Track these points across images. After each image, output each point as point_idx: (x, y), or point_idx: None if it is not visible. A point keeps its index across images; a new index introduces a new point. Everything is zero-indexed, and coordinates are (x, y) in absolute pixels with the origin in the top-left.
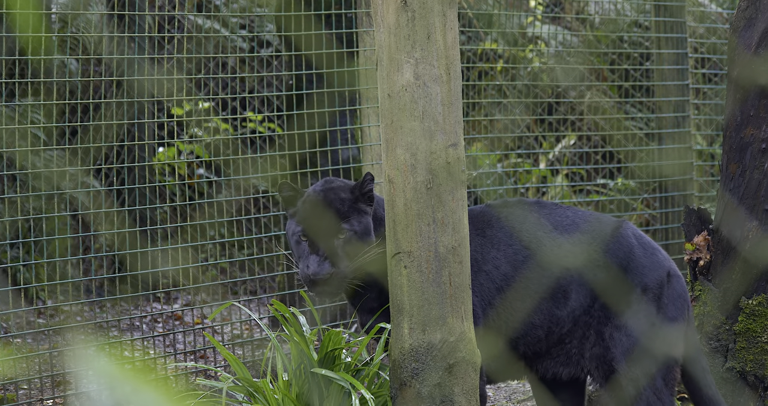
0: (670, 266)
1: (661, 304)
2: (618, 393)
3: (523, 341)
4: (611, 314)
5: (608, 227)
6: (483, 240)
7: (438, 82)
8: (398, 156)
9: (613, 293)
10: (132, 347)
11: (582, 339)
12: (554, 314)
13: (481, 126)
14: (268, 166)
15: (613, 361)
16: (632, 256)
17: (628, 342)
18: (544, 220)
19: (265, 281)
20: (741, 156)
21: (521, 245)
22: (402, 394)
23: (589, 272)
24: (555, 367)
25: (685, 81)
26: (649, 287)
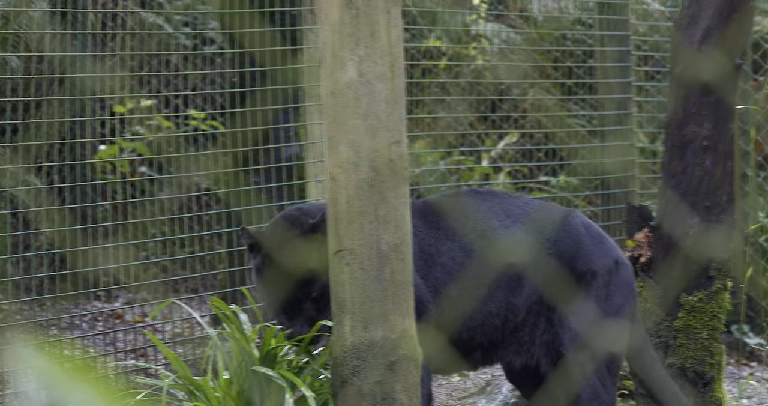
0: (618, 255)
1: (609, 291)
2: (564, 378)
3: (481, 330)
4: (560, 301)
5: (557, 215)
6: (437, 233)
7: (382, 80)
8: (341, 153)
9: (563, 281)
10: (72, 345)
11: (533, 327)
12: (510, 302)
13: (424, 123)
14: (210, 164)
15: (561, 346)
16: (581, 244)
17: (576, 328)
18: (496, 209)
19: (207, 278)
20: (683, 153)
21: (476, 235)
22: (343, 391)
23: (540, 260)
24: (509, 356)
25: (627, 79)
26: (598, 274)
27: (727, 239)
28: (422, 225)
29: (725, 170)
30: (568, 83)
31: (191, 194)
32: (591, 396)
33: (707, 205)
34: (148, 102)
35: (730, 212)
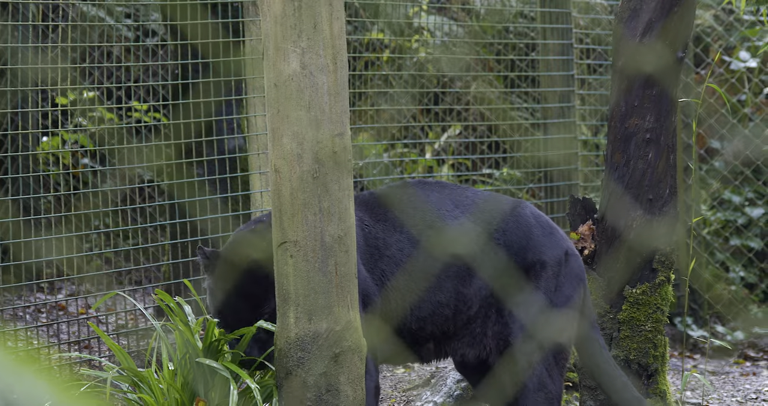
0: (568, 246)
1: (558, 282)
2: (511, 367)
3: (431, 321)
4: (510, 292)
5: (507, 206)
6: (384, 225)
7: (325, 72)
8: (285, 145)
9: (512, 272)
10: (15, 337)
11: (485, 318)
12: (460, 292)
13: (367, 116)
14: (153, 156)
15: (510, 336)
16: (531, 235)
17: (525, 318)
18: (445, 199)
19: (150, 270)
20: (625, 146)
21: (424, 225)
22: (288, 383)
23: (489, 251)
24: (462, 348)
25: (570, 72)
26: (547, 265)
27: (670, 231)
28: (368, 218)
29: (668, 163)
30: (510, 76)
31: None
32: (538, 386)
33: (650, 197)
34: (90, 94)
35: (673, 204)
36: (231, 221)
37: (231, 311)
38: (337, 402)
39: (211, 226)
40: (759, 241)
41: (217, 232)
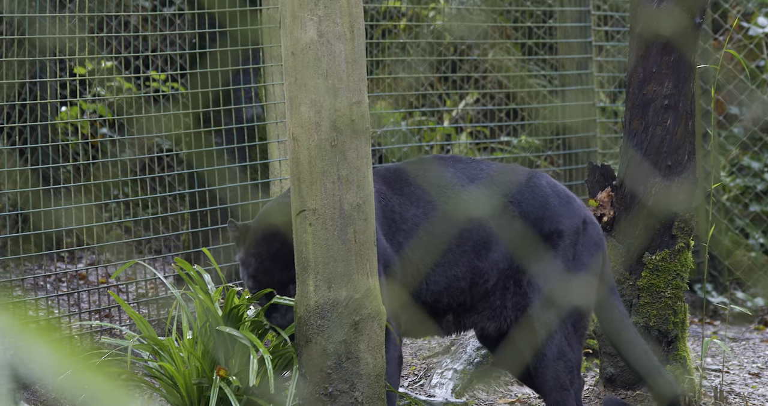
0: (586, 214)
1: (576, 251)
2: (530, 337)
3: (447, 294)
4: (529, 262)
5: (523, 177)
6: (401, 199)
7: (342, 40)
8: (302, 114)
9: (530, 242)
10: (36, 306)
11: (504, 291)
12: (476, 265)
13: (385, 84)
14: (172, 125)
15: (529, 306)
16: (547, 204)
17: (544, 288)
18: (460, 174)
19: (170, 239)
20: (644, 112)
21: (441, 201)
22: (307, 351)
23: (506, 223)
24: (482, 321)
25: (587, 38)
26: (565, 233)
27: (689, 197)
28: (387, 190)
29: (687, 129)
30: (528, 43)
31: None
32: (557, 355)
33: (669, 164)
34: (108, 63)
35: (691, 170)
36: (250, 190)
37: (263, 275)
38: (357, 369)
39: (230, 195)
40: None
41: (236, 200)
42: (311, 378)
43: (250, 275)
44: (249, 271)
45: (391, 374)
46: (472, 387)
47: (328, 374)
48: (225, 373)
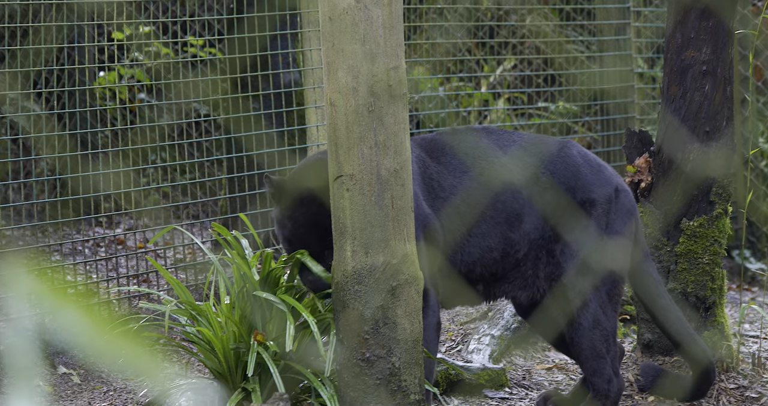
0: (618, 182)
1: (609, 219)
2: (564, 306)
3: (480, 263)
4: (561, 232)
5: (554, 147)
6: (440, 167)
7: (379, 5)
8: (340, 79)
9: (562, 211)
10: (75, 271)
11: (536, 261)
12: (508, 236)
13: (422, 49)
14: (209, 90)
15: (562, 276)
16: (579, 174)
17: (578, 256)
18: (493, 144)
19: (208, 205)
20: (682, 78)
21: (475, 171)
22: (345, 316)
23: (538, 193)
24: (513, 290)
25: (626, 4)
26: (597, 202)
27: (727, 162)
28: (427, 157)
29: (725, 95)
30: (566, 9)
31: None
32: (592, 324)
33: (707, 129)
34: (146, 28)
35: (729, 136)
36: (287, 155)
37: (298, 241)
38: (395, 335)
39: (268, 160)
40: None
41: (274, 166)
42: (348, 343)
43: (286, 238)
44: (284, 234)
45: (429, 341)
46: (510, 353)
47: (366, 340)
48: (262, 338)
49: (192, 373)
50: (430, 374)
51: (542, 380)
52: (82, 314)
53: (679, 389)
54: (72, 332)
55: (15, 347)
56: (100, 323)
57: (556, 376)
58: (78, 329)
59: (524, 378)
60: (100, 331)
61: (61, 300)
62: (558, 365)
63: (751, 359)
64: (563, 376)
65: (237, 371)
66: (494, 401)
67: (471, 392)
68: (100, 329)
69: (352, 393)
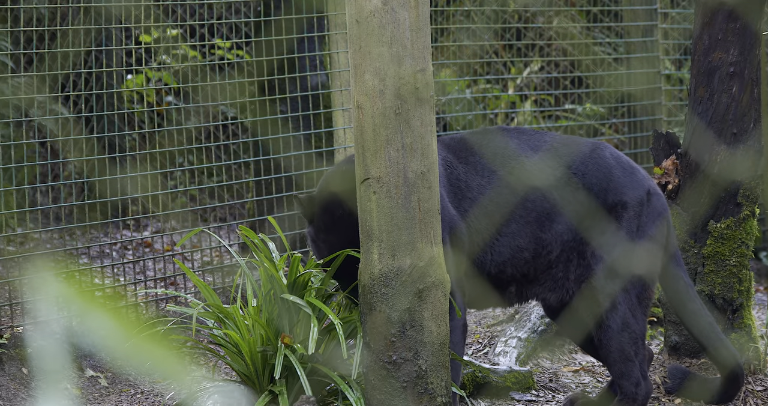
0: (650, 185)
1: (640, 222)
2: (594, 308)
3: (511, 264)
4: (593, 234)
5: (586, 148)
6: (467, 168)
7: (406, 8)
8: (367, 82)
9: (594, 214)
10: (102, 274)
11: (567, 263)
12: (539, 236)
13: (449, 52)
14: (237, 93)
15: (593, 278)
16: (611, 176)
17: (608, 259)
18: (524, 145)
19: (235, 207)
20: (709, 80)
21: (504, 171)
22: (371, 318)
23: (570, 194)
24: (544, 292)
25: (653, 5)
26: (629, 205)
27: (755, 164)
28: (453, 159)
29: (752, 97)
30: (593, 10)
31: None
32: (621, 326)
33: (734, 131)
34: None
35: (757, 138)
36: (314, 158)
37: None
38: (421, 337)
39: (295, 163)
40: None
41: (301, 169)
42: (375, 346)
43: (323, 249)
44: (319, 246)
45: (455, 343)
46: (536, 355)
47: (392, 342)
48: (289, 341)
49: (219, 376)
50: (457, 376)
51: (569, 382)
52: (108, 317)
53: (706, 392)
54: (99, 335)
55: (43, 350)
56: (127, 326)
57: (583, 378)
58: (105, 332)
59: (551, 381)
60: (127, 334)
61: (88, 303)
62: (585, 367)
63: None
64: (590, 378)
65: (264, 373)
66: (521, 403)
67: (498, 394)
68: (126, 332)
69: (379, 396)
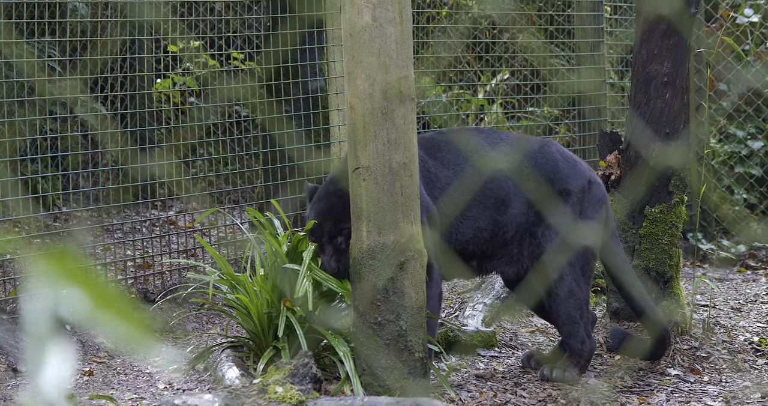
0: (591, 175)
1: (582, 206)
2: (544, 280)
3: (472, 242)
4: (542, 216)
5: (536, 145)
6: (435, 162)
7: (392, 24)
8: (358, 86)
9: (543, 199)
10: (134, 246)
11: (521, 241)
12: (496, 219)
13: (428, 62)
14: (248, 95)
15: (543, 254)
16: (557, 168)
17: (555, 238)
18: (483, 142)
19: (246, 191)
20: (646, 88)
21: (467, 165)
22: (360, 286)
23: (522, 184)
24: (501, 266)
25: (600, 25)
26: (573, 192)
27: (684, 158)
28: (424, 155)
29: (683, 102)
30: (550, 28)
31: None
32: (568, 294)
33: (667, 131)
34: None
35: (686, 137)
36: (313, 150)
37: (317, 227)
38: (402, 302)
39: (297, 154)
40: (759, 169)
41: (302, 159)
42: (363, 309)
43: (311, 232)
44: (310, 228)
45: (433, 308)
46: (499, 318)
47: (378, 306)
48: (290, 304)
49: (231, 333)
50: (433, 335)
51: (526, 341)
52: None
53: (640, 350)
54: (80, 311)
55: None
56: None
57: (538, 338)
58: (86, 309)
59: (511, 340)
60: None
61: (71, 280)
62: (540, 328)
63: (702, 325)
64: (544, 338)
65: (269, 332)
66: (486, 358)
67: (466, 351)
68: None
69: (366, 351)
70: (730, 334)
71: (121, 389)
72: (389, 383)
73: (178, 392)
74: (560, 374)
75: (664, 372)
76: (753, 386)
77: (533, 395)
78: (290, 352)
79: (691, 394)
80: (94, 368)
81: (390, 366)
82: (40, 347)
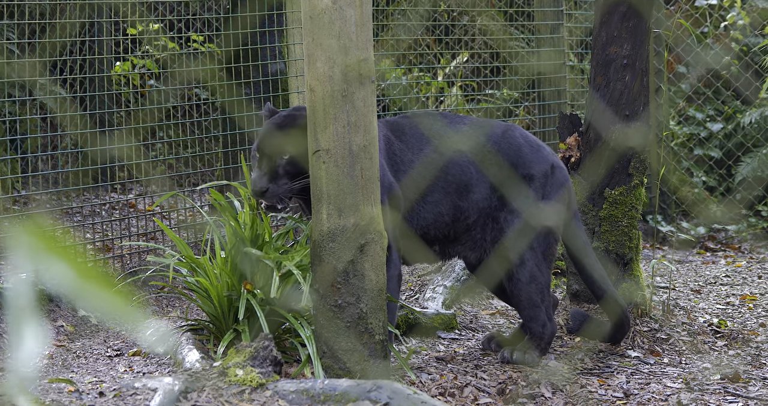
0: (554, 160)
1: (545, 191)
2: (506, 264)
3: (434, 227)
4: (505, 201)
5: (499, 129)
6: (401, 145)
7: (352, 6)
8: (318, 69)
9: (506, 184)
10: (93, 230)
11: (483, 227)
12: (458, 204)
13: (388, 44)
14: (208, 78)
15: (505, 238)
16: (520, 152)
17: (518, 222)
18: (448, 126)
19: (206, 174)
20: (606, 70)
21: (430, 149)
22: (320, 269)
23: (486, 168)
24: (464, 251)
25: (559, 7)
26: (536, 177)
27: (644, 140)
28: (392, 136)
29: (642, 84)
30: (509, 11)
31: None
32: (529, 279)
33: (627, 113)
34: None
35: (645, 118)
36: None
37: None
38: (363, 285)
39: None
40: (718, 151)
41: None
42: (323, 292)
43: (256, 144)
44: (257, 141)
45: (392, 290)
46: (459, 301)
47: (338, 289)
48: (251, 287)
49: (192, 316)
50: (393, 317)
51: (487, 323)
52: (72, 269)
53: (600, 332)
54: (64, 285)
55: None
56: (89, 279)
57: (498, 320)
58: (69, 284)
59: (471, 322)
60: (89, 285)
61: (54, 256)
62: (500, 311)
63: (661, 307)
64: (504, 320)
65: (229, 315)
66: (446, 341)
67: (426, 333)
68: (88, 284)
69: (327, 334)
70: (690, 316)
71: (81, 372)
72: (350, 365)
73: (138, 375)
74: (521, 356)
75: (624, 354)
76: (713, 367)
77: (494, 377)
78: (251, 335)
79: (651, 375)
80: (53, 352)
81: (350, 349)
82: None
